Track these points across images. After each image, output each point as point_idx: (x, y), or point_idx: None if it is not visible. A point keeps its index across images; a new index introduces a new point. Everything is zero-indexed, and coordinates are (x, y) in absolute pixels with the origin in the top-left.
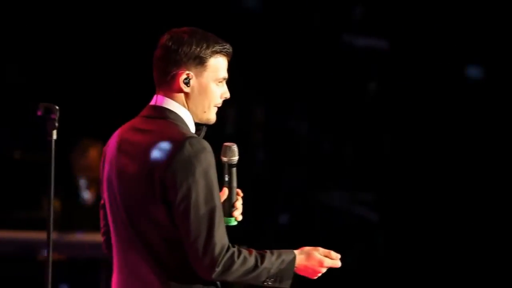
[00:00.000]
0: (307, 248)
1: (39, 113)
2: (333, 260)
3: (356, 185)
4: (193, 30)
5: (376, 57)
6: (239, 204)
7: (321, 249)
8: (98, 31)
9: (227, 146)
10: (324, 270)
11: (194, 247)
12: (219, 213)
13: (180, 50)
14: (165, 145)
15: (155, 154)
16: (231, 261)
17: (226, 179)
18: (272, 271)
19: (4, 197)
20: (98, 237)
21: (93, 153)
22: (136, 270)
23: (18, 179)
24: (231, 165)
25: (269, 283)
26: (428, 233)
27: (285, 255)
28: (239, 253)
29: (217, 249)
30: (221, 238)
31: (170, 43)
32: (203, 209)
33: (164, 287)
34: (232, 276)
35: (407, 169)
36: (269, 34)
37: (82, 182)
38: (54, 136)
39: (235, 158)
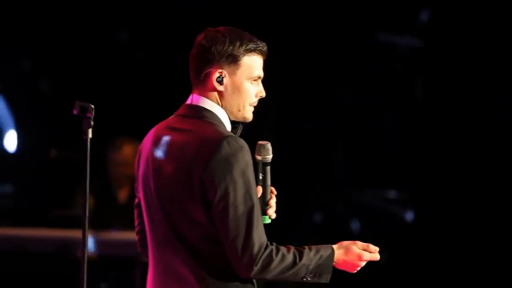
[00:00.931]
0: (345, 243)
1: (74, 111)
2: (372, 253)
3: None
4: (228, 29)
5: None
6: (273, 202)
7: (359, 243)
8: (135, 31)
9: (261, 144)
10: (363, 263)
11: (233, 246)
12: (257, 211)
13: (213, 48)
14: (203, 145)
15: (193, 154)
16: (269, 259)
17: (260, 177)
18: (311, 267)
19: (41, 195)
20: (132, 235)
21: (127, 150)
22: (172, 268)
23: (55, 177)
24: (265, 164)
25: (308, 279)
26: (462, 234)
27: (324, 250)
28: (278, 250)
29: (255, 248)
30: (259, 236)
31: (204, 42)
32: (241, 208)
33: (201, 284)
34: (271, 274)
35: (441, 169)
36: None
37: (117, 157)
38: (90, 135)
39: (269, 157)
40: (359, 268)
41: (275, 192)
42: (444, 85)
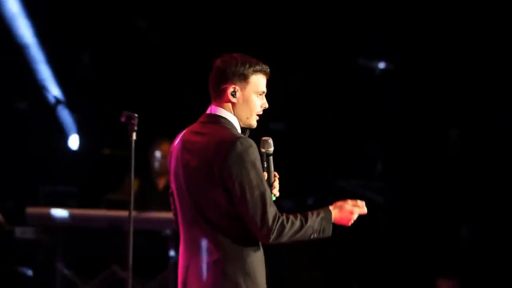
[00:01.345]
0: (339, 203)
1: (122, 119)
2: (361, 208)
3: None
4: (239, 55)
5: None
6: (276, 184)
7: (349, 201)
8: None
9: (264, 140)
10: (355, 217)
11: (253, 221)
12: (267, 193)
13: (228, 69)
14: (220, 144)
15: (213, 151)
16: (282, 227)
17: (265, 165)
18: (315, 227)
19: (96, 184)
20: (167, 215)
21: (165, 147)
22: (198, 241)
23: (107, 170)
24: (268, 155)
25: (315, 236)
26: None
27: (323, 212)
28: (287, 219)
29: (270, 221)
30: (272, 211)
31: (221, 64)
32: (256, 192)
33: (220, 252)
34: (285, 238)
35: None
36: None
37: (157, 153)
38: (134, 137)
39: (271, 149)
40: (352, 221)
41: (278, 176)
42: (409, 97)
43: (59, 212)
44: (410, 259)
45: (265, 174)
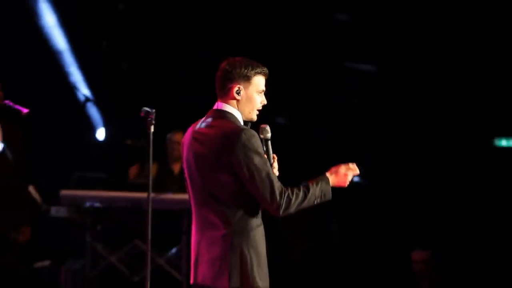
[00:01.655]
0: (333, 169)
1: (141, 114)
2: (353, 170)
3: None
4: (242, 58)
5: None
6: (275, 164)
7: (343, 166)
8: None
9: (262, 127)
10: (350, 178)
11: (264, 198)
12: (271, 172)
13: (233, 71)
14: (227, 135)
15: (220, 141)
16: (289, 200)
17: (264, 149)
18: (317, 194)
19: (120, 169)
20: (181, 196)
21: (178, 136)
22: (207, 219)
23: (130, 157)
24: (266, 140)
25: (318, 201)
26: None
27: (321, 179)
28: (292, 192)
29: (278, 196)
30: (279, 187)
31: (227, 67)
32: (263, 173)
33: (227, 227)
34: (292, 208)
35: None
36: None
37: (172, 142)
38: (152, 130)
39: (269, 135)
40: (348, 183)
41: (276, 158)
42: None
43: (89, 194)
44: (389, 233)
45: (264, 156)
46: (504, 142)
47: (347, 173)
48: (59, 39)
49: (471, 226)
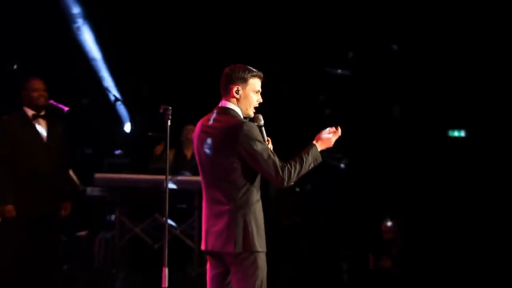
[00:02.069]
0: (318, 136)
1: (160, 110)
2: (336, 132)
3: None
4: (242, 64)
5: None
6: (270, 146)
7: (325, 131)
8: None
9: (256, 116)
10: (334, 140)
11: (269, 175)
12: (272, 153)
13: (233, 75)
14: (232, 127)
15: (226, 132)
16: (289, 172)
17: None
18: (310, 160)
19: (144, 156)
20: (193, 178)
21: (189, 128)
22: (215, 197)
23: (152, 146)
24: (260, 126)
25: (312, 166)
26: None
27: (311, 148)
28: (290, 165)
29: (280, 171)
30: (279, 164)
31: (229, 71)
32: (265, 155)
33: (232, 203)
34: (294, 178)
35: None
36: None
37: (185, 132)
38: (169, 124)
39: (262, 122)
40: (332, 143)
41: (270, 140)
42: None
43: (117, 177)
44: (362, 205)
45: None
46: (456, 133)
47: (329, 138)
48: (94, 51)
49: (429, 201)
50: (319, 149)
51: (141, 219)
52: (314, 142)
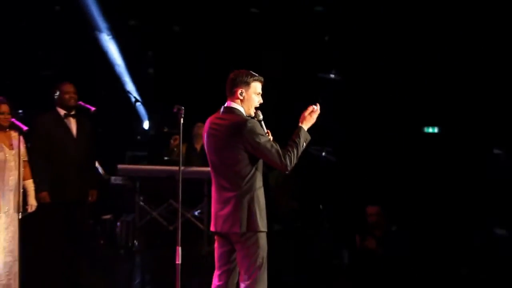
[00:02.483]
0: (301, 118)
1: (174, 110)
2: (315, 110)
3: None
4: (245, 70)
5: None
6: (269, 137)
7: (307, 112)
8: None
9: (256, 112)
10: (315, 117)
11: (274, 162)
12: (273, 143)
13: (237, 79)
14: (237, 124)
15: (231, 129)
16: (289, 157)
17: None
18: (301, 141)
19: (160, 149)
20: (203, 169)
21: (199, 125)
22: (222, 184)
23: (167, 142)
24: (260, 121)
25: (305, 145)
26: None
27: (300, 131)
28: (288, 151)
29: (283, 158)
30: (281, 152)
31: (233, 76)
32: (267, 146)
33: (237, 189)
34: (294, 162)
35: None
36: None
37: (195, 129)
38: (182, 121)
39: (261, 117)
40: (314, 120)
41: (269, 132)
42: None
43: (137, 167)
44: (349, 192)
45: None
46: (430, 129)
47: (310, 117)
48: (118, 58)
49: (407, 188)
50: (305, 129)
51: (158, 204)
52: (300, 124)
